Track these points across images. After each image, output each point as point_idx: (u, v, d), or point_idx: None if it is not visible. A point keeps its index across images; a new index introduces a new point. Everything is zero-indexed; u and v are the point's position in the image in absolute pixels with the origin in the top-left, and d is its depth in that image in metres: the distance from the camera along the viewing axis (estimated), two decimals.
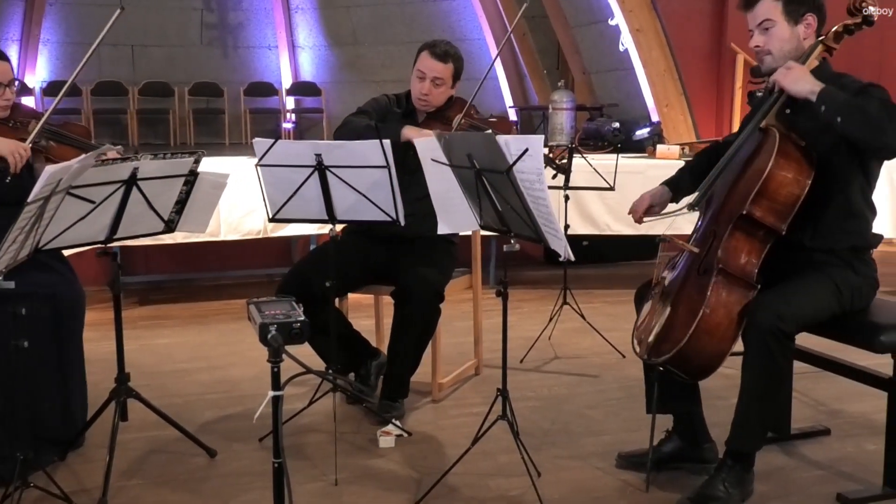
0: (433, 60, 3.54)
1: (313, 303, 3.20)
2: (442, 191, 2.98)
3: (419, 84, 3.56)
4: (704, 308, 2.55)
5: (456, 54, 3.60)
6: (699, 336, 2.55)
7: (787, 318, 2.52)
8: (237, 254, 6.04)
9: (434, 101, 3.57)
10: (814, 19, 2.74)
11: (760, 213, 2.61)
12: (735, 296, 2.59)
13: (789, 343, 2.56)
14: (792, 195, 2.60)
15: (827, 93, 2.54)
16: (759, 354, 2.54)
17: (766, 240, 2.66)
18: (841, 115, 2.49)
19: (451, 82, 3.58)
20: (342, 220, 3.21)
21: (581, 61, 8.65)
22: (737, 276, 2.61)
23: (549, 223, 2.57)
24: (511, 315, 3.02)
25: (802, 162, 2.62)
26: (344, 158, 3.00)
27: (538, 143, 2.47)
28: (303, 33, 10.86)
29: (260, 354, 2.55)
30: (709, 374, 2.63)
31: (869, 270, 2.77)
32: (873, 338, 2.62)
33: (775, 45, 2.75)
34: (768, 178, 2.59)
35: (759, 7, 2.77)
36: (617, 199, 5.49)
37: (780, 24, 2.74)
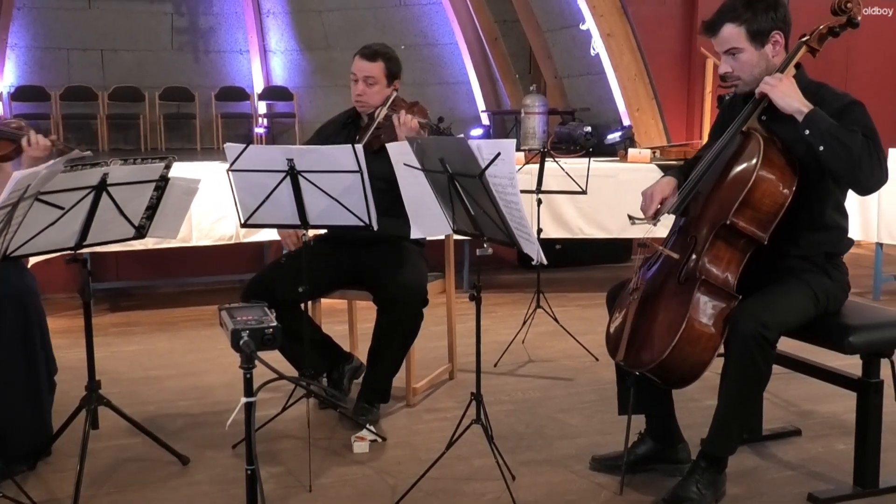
0: (362, 61, 3.59)
1: (282, 307, 3.19)
2: (415, 195, 2.98)
3: (353, 87, 3.61)
4: (687, 319, 2.55)
5: (387, 54, 3.63)
6: (682, 347, 2.55)
7: (769, 324, 2.53)
8: (209, 260, 6.00)
9: (370, 101, 3.59)
10: (780, 35, 2.71)
11: (744, 222, 2.60)
12: (717, 306, 2.59)
13: (771, 350, 2.56)
14: (776, 204, 2.59)
15: (814, 117, 2.52)
16: (741, 362, 2.54)
17: (747, 249, 2.65)
18: (824, 144, 2.48)
19: (384, 81, 3.60)
20: (315, 224, 3.20)
21: (553, 65, 8.69)
22: (718, 287, 2.60)
23: (522, 227, 2.58)
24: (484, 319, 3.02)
25: (787, 170, 2.60)
26: (316, 163, 2.99)
27: (510, 148, 2.48)
28: (274, 37, 10.82)
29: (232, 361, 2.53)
30: (689, 384, 2.62)
31: (841, 275, 2.79)
32: (843, 339, 2.65)
33: (745, 71, 2.73)
34: (753, 186, 2.57)
35: (724, 33, 2.71)
36: (589, 203, 5.53)
37: (747, 51, 2.70)
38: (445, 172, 2.68)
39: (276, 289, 3.34)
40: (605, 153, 6.66)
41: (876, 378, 2.76)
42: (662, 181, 2.91)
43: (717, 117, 3.06)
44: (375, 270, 3.45)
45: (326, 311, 3.98)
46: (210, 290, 6.06)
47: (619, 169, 5.82)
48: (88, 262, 3.00)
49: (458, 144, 2.61)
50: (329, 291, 3.62)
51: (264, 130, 10.61)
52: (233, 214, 5.01)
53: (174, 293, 6.04)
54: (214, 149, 10.17)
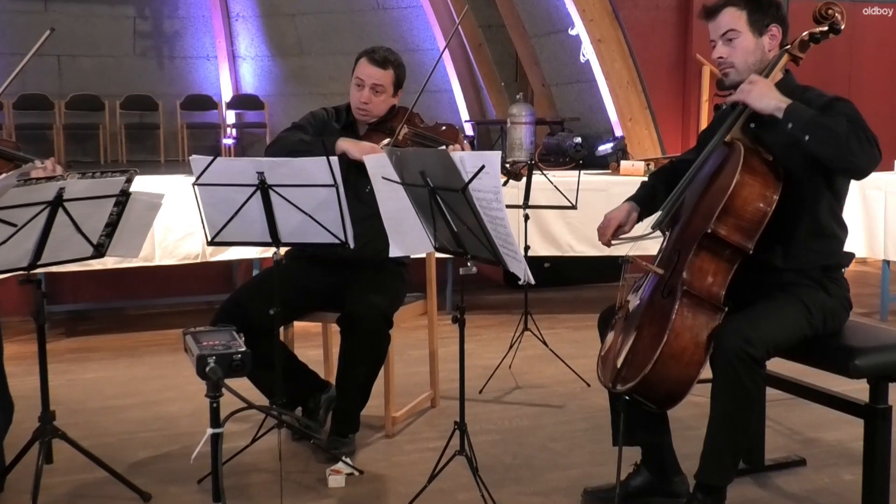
0: (372, 67, 3.56)
1: (255, 332, 3.18)
2: (393, 211, 2.98)
3: (358, 93, 3.57)
4: (669, 332, 2.57)
5: (396, 61, 3.62)
6: (664, 361, 2.57)
7: (754, 341, 2.55)
8: (173, 280, 5.98)
9: (375, 111, 3.58)
10: (778, 30, 2.81)
11: (726, 231, 2.64)
12: (701, 319, 2.61)
13: (758, 368, 2.58)
14: (759, 211, 2.63)
15: (794, 109, 2.59)
16: (727, 380, 2.56)
17: (733, 259, 2.69)
18: (808, 133, 2.54)
19: (391, 90, 3.60)
20: (287, 242, 3.19)
21: (540, 73, 8.73)
22: (702, 298, 2.63)
23: (508, 244, 2.58)
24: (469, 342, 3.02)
25: (769, 176, 2.66)
26: (288, 177, 2.99)
27: (495, 160, 2.49)
28: (244, 43, 10.83)
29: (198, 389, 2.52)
30: (677, 402, 2.64)
31: (841, 291, 2.82)
32: (847, 362, 2.66)
33: (739, 57, 2.81)
34: (733, 193, 2.62)
35: (723, 16, 2.82)
36: (579, 219, 5.55)
37: (744, 35, 2.79)
38: (426, 186, 2.68)
39: (247, 312, 3.33)
40: (596, 165, 6.69)
41: (884, 404, 2.77)
42: (622, 206, 3.03)
43: (707, 128, 3.11)
44: (347, 290, 3.45)
45: (300, 336, 3.97)
46: (174, 312, 6.03)
47: (611, 182, 5.85)
48: (43, 282, 2.99)
49: (439, 157, 2.61)
50: (302, 314, 3.61)
51: (233, 141, 10.61)
52: (199, 231, 5.00)
53: (136, 316, 6.01)
54: (179, 161, 10.15)
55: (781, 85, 2.74)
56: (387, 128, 3.58)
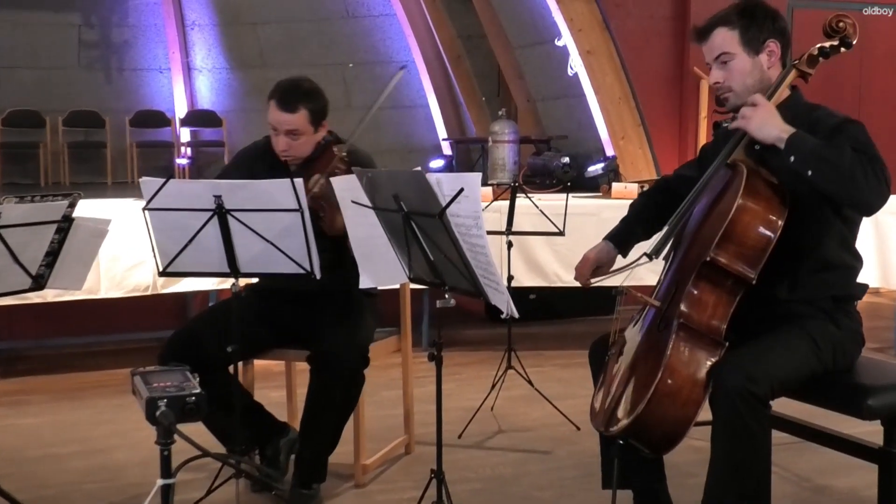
0: (280, 112, 3.49)
1: (211, 372, 3.16)
2: (364, 238, 2.99)
3: (275, 139, 3.55)
4: (663, 368, 2.57)
5: (308, 96, 3.51)
6: (659, 400, 2.56)
7: (757, 378, 2.55)
8: (121, 315, 5.94)
9: (298, 154, 3.55)
10: (776, 45, 2.82)
11: (727, 258, 2.65)
12: (699, 354, 2.62)
13: (762, 408, 2.58)
14: (762, 238, 2.65)
15: (796, 140, 2.59)
16: (728, 421, 2.56)
17: (735, 290, 2.69)
18: (811, 167, 2.54)
19: (311, 129, 3.53)
20: (247, 272, 3.19)
21: (525, 87, 8.79)
22: (701, 332, 2.64)
23: (489, 274, 2.59)
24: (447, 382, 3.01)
25: (774, 200, 2.67)
26: (248, 201, 2.99)
27: (475, 183, 2.50)
28: (200, 54, 10.85)
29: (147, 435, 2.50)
30: (673, 446, 2.64)
31: (853, 324, 2.83)
32: (860, 402, 2.66)
33: (737, 81, 2.83)
34: (735, 218, 2.63)
35: (714, 38, 2.84)
36: (568, 246, 5.56)
37: (739, 57, 2.81)
38: (400, 211, 2.69)
39: (201, 348, 3.32)
40: (586, 187, 6.73)
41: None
42: (600, 245, 3.09)
43: (707, 146, 3.13)
44: (313, 325, 3.44)
45: (260, 375, 3.95)
46: (122, 350, 5.99)
47: (602, 206, 5.88)
48: None
49: (414, 178, 2.62)
50: (263, 351, 3.60)
51: (188, 162, 10.59)
52: (149, 261, 4.98)
53: (79, 355, 5.96)
54: (128, 183, 10.12)
55: (788, 104, 2.76)
56: (317, 166, 3.52)
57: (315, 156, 3.57)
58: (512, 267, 4.69)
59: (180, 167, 10.53)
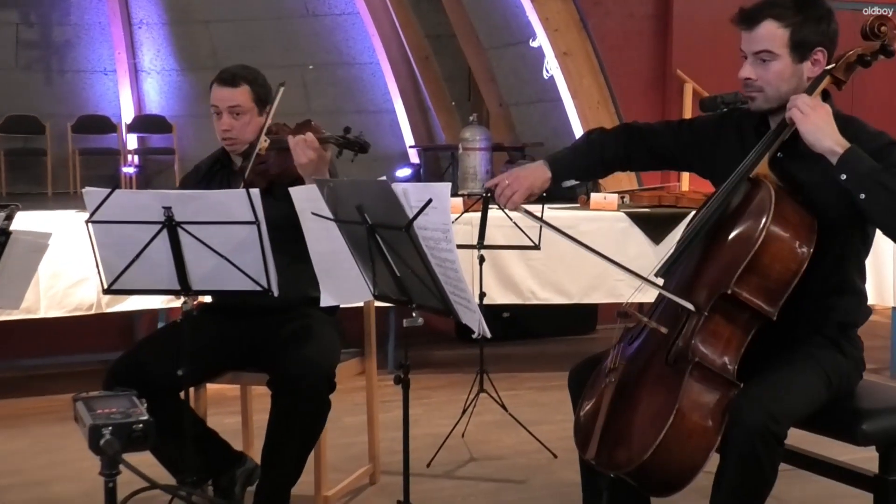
0: (222, 88, 3.63)
1: (160, 397, 3.14)
2: (325, 252, 2.98)
3: (218, 122, 3.64)
4: (676, 411, 2.52)
5: (250, 76, 3.67)
6: (668, 446, 2.52)
7: (779, 417, 2.51)
8: (62, 336, 5.90)
9: (242, 136, 3.62)
10: (824, 55, 2.71)
11: (749, 293, 2.59)
12: (713, 396, 2.57)
13: (780, 448, 2.55)
14: (789, 270, 2.59)
15: (852, 157, 2.51)
16: (744, 463, 2.52)
17: (751, 325, 2.65)
18: (866, 191, 2.49)
19: (255, 108, 3.64)
20: (199, 290, 3.18)
21: (497, 91, 8.82)
22: (715, 372, 2.58)
23: (460, 291, 2.59)
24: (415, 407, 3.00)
25: (803, 228, 2.61)
26: (201, 213, 2.98)
27: (444, 193, 2.50)
28: (148, 54, 10.81)
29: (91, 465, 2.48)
30: (676, 491, 2.60)
31: (856, 351, 2.83)
32: (855, 427, 2.68)
33: (772, 84, 2.71)
34: (762, 249, 2.56)
35: (761, 29, 2.70)
36: (544, 261, 5.58)
37: (782, 59, 2.69)
38: (364, 223, 2.69)
39: (149, 372, 3.30)
40: (563, 199, 6.72)
41: (895, 475, 2.80)
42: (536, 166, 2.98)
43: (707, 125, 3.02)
44: (272, 346, 3.43)
45: (214, 400, 3.93)
46: (63, 374, 5.95)
47: (580, 218, 5.90)
48: None
49: (379, 188, 2.62)
50: (217, 374, 3.58)
51: (135, 170, 10.54)
52: (93, 278, 4.95)
53: (17, 379, 5.90)
54: (70, 194, 10.06)
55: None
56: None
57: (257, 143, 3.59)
58: (484, 283, 4.70)
59: (127, 176, 10.47)
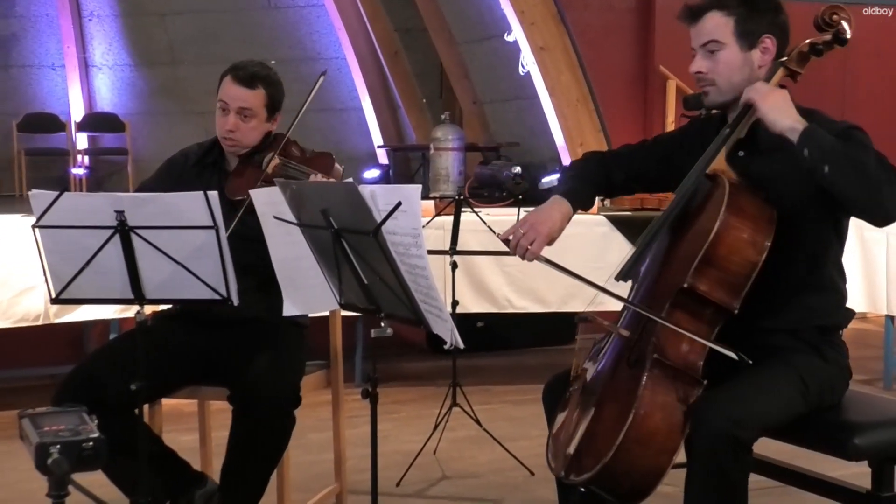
0: (237, 87, 3.57)
1: (112, 413, 3.13)
2: (288, 259, 2.98)
3: (222, 119, 3.59)
4: (635, 410, 2.57)
5: (269, 78, 3.65)
6: (629, 447, 2.56)
7: (744, 422, 2.55)
8: (7, 348, 5.86)
9: (244, 140, 3.59)
10: (772, 42, 2.82)
11: (706, 286, 2.65)
12: (675, 394, 2.62)
13: (746, 455, 2.59)
14: (747, 263, 2.65)
15: (812, 133, 2.58)
16: (709, 471, 2.56)
17: (714, 321, 2.71)
18: (830, 163, 2.54)
19: (264, 114, 3.61)
20: (154, 299, 3.16)
21: (471, 88, 8.84)
22: (677, 369, 2.64)
23: (431, 300, 2.59)
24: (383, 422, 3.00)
25: (761, 219, 2.68)
26: (156, 217, 2.97)
27: (414, 196, 2.50)
28: (100, 48, 10.76)
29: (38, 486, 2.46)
30: (644, 497, 2.64)
31: (839, 357, 2.86)
32: (846, 441, 2.69)
33: (722, 74, 2.82)
34: (716, 240, 2.63)
35: (706, 22, 2.83)
36: (520, 268, 5.59)
37: (729, 48, 2.81)
38: (329, 228, 2.68)
39: (100, 387, 3.28)
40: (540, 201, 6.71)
41: (889, 491, 2.81)
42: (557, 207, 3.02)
43: (674, 133, 3.15)
44: (233, 359, 3.42)
45: (170, 416, 3.92)
46: (9, 389, 5.90)
47: None
48: None
49: (346, 191, 2.62)
50: (174, 389, 3.56)
51: (85, 172, 10.49)
52: (40, 286, 4.92)
53: None
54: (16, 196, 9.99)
55: None
56: (261, 160, 3.58)
57: (261, 147, 3.61)
58: (457, 291, 4.70)
59: (76, 178, 10.41)
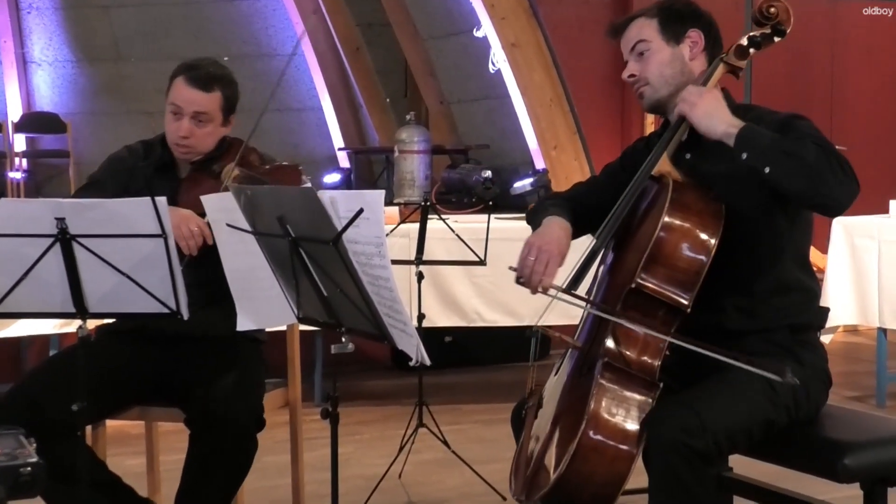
0: (191, 89, 3.53)
1: (51, 436, 3.11)
2: (242, 269, 2.97)
3: (175, 123, 3.55)
4: (587, 418, 2.60)
5: (225, 78, 3.62)
6: (584, 456, 2.59)
7: (695, 430, 2.58)
8: None
9: (199, 147, 3.56)
10: (699, 35, 2.97)
11: (655, 283, 2.72)
12: (629, 398, 2.66)
13: (702, 465, 2.60)
14: (696, 258, 2.72)
15: (749, 134, 2.68)
16: (664, 483, 2.60)
17: (669, 321, 2.76)
18: (770, 163, 2.63)
19: (220, 118, 3.58)
20: (98, 312, 3.14)
21: (437, 87, 8.85)
22: (630, 373, 2.69)
23: (395, 313, 2.60)
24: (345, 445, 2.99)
25: (705, 215, 2.75)
26: (100, 224, 2.95)
27: (377, 202, 2.51)
28: (39, 43, 10.70)
29: None
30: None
31: (817, 359, 2.90)
32: (835, 461, 2.70)
33: (653, 71, 2.95)
34: (661, 238, 2.71)
35: (631, 29, 3.01)
36: (490, 278, 5.59)
37: (656, 45, 2.96)
38: (286, 237, 2.68)
39: (39, 408, 3.25)
40: (512, 207, 6.77)
41: None
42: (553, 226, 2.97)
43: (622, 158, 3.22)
44: (187, 378, 3.40)
45: (115, 439, 3.89)
46: None
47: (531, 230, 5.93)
48: None
49: (304, 197, 2.62)
50: (120, 409, 3.54)
51: (23, 176, 10.41)
52: None
53: None
54: None
55: None
56: (217, 168, 3.55)
57: (216, 154, 3.58)
58: (423, 303, 4.70)
59: (14, 182, 10.33)
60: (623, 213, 2.89)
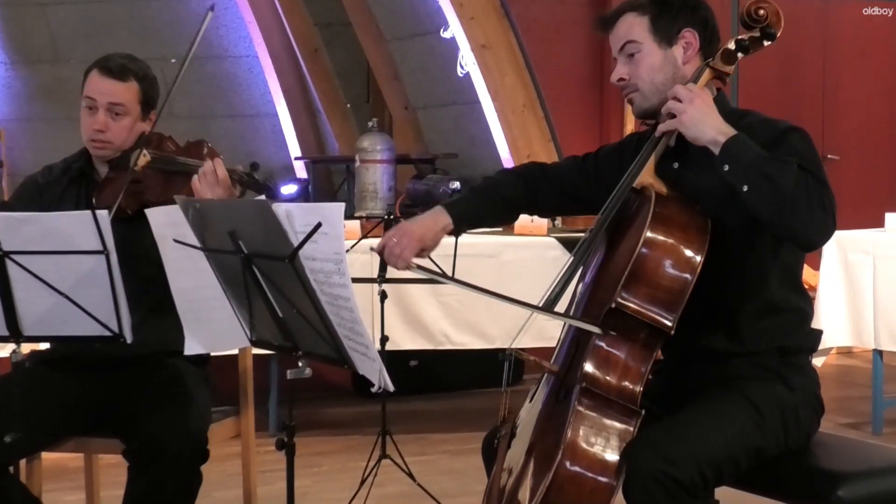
0: (105, 79, 3.59)
1: None
2: (190, 289, 2.96)
3: (89, 118, 3.58)
4: (564, 447, 2.61)
5: (141, 71, 3.66)
6: (560, 488, 2.59)
7: (677, 459, 2.59)
8: None
9: (116, 142, 3.57)
10: (694, 35, 2.95)
11: (637, 303, 2.71)
12: (608, 426, 2.66)
13: (688, 498, 2.60)
14: (678, 277, 2.72)
15: (735, 146, 2.68)
16: None
17: (651, 344, 2.76)
18: (748, 182, 2.64)
19: (138, 111, 3.60)
20: (32, 336, 3.13)
21: (402, 91, 8.85)
22: (609, 399, 2.68)
23: (356, 335, 2.59)
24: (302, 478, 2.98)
25: (690, 231, 2.75)
26: (36, 240, 2.95)
27: (337, 215, 2.51)
28: None
29: None
30: None
31: (808, 383, 2.91)
32: (828, 493, 2.71)
33: (644, 76, 2.94)
34: (642, 255, 2.71)
35: (620, 25, 2.98)
36: (459, 298, 5.60)
37: (647, 47, 2.94)
38: (238, 253, 2.67)
39: None
40: None
41: None
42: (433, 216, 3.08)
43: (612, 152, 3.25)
44: (127, 406, 3.39)
45: (51, 472, 3.87)
46: None
47: (504, 245, 5.94)
48: None
49: (257, 210, 2.62)
50: (56, 441, 3.52)
51: None
52: None
53: None
54: None
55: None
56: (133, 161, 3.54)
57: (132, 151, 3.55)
58: (386, 325, 4.70)
59: None
60: (603, 227, 2.89)
